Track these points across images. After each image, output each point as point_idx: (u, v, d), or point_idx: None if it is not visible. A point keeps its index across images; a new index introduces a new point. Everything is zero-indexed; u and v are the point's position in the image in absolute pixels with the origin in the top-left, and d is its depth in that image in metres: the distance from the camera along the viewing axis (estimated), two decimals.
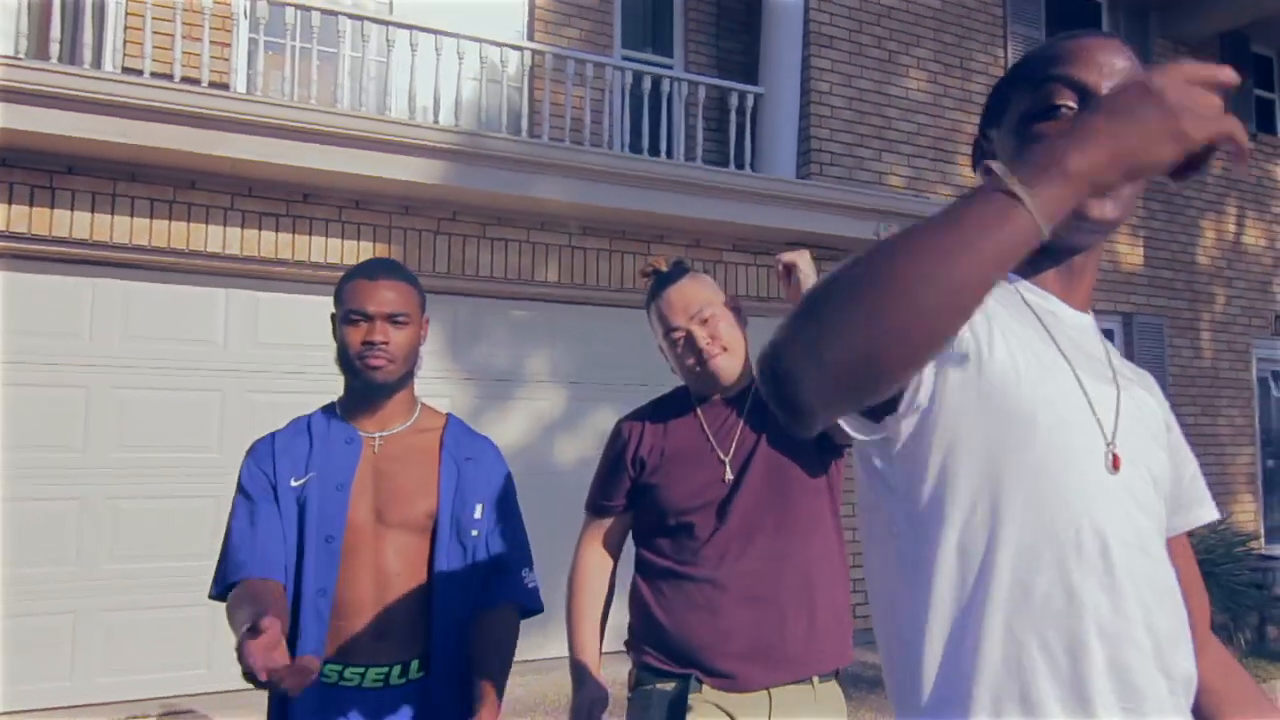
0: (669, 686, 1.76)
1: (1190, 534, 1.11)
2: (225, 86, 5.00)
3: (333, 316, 1.73)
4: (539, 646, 5.68)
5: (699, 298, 1.83)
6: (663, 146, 5.92)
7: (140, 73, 4.60)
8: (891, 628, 0.95)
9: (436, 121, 5.30)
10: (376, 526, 1.65)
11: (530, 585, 1.75)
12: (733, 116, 6.16)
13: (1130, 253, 7.83)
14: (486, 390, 5.52)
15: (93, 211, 4.46)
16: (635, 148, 6.11)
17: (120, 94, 4.16)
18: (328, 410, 1.76)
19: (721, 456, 1.83)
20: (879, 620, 0.99)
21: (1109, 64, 0.94)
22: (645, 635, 1.82)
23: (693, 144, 6.24)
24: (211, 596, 1.62)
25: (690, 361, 1.83)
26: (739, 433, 1.84)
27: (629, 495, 1.90)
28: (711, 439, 1.85)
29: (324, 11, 5.08)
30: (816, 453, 1.82)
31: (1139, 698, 0.87)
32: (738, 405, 1.88)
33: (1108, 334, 7.86)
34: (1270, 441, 8.90)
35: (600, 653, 1.90)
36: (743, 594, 1.75)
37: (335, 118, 4.66)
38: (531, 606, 1.74)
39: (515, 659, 1.69)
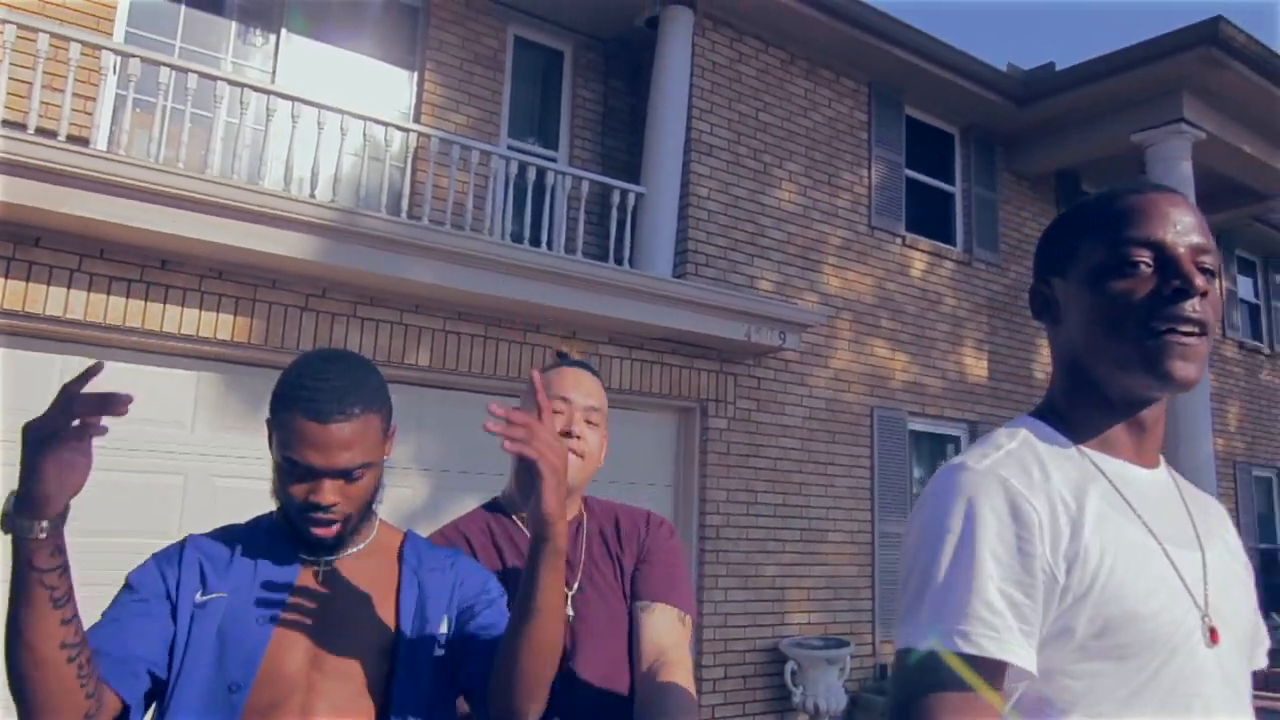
0: None
1: None
2: (85, 141, 4.73)
3: (269, 423, 1.34)
4: None
5: (596, 394, 1.75)
6: (543, 237, 5.97)
7: None
8: None
9: (313, 195, 5.16)
10: (310, 677, 1.28)
11: None
12: (614, 213, 6.28)
13: (975, 365, 8.37)
14: None
15: None
16: (516, 237, 6.13)
17: None
18: (264, 520, 1.42)
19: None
20: None
21: (1181, 220, 0.98)
22: None
23: (573, 237, 6.32)
24: None
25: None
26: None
27: None
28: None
29: (203, 75, 4.92)
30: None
31: None
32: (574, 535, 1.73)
33: (954, 439, 8.32)
34: None
35: None
36: None
37: (202, 183, 4.46)
38: None
39: None
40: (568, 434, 1.67)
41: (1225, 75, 7.54)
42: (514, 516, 1.73)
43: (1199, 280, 0.95)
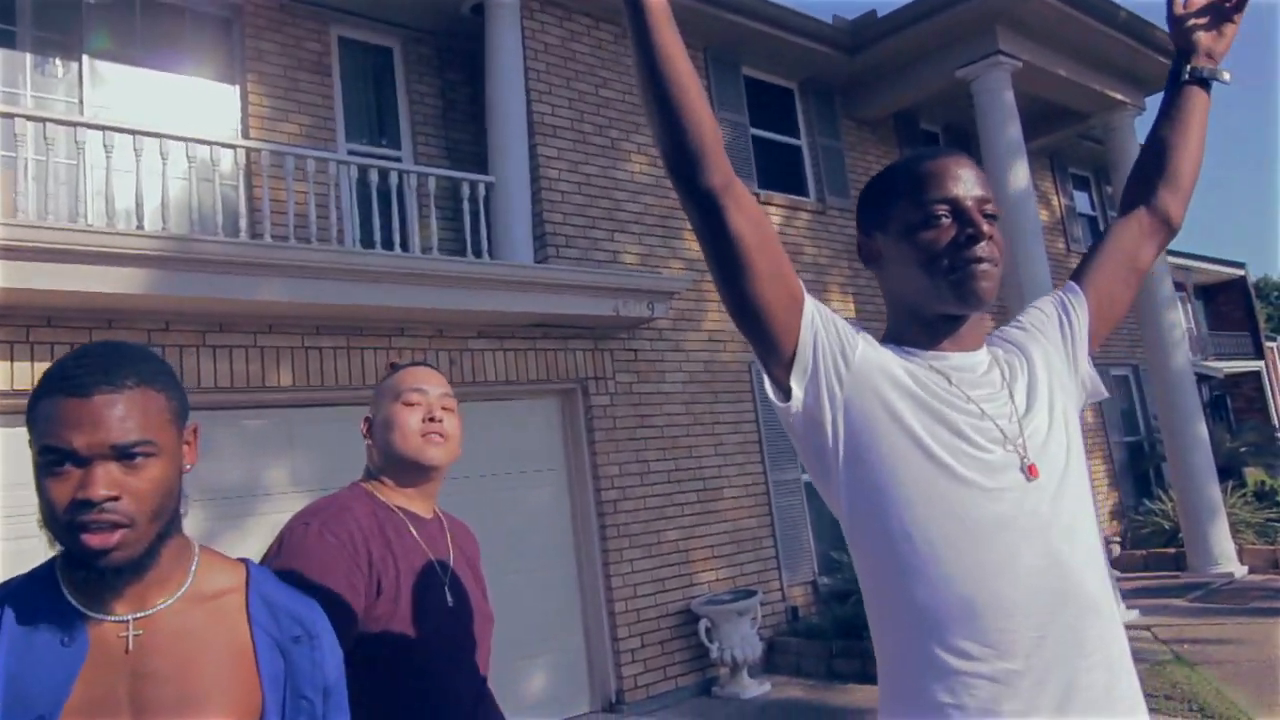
0: None
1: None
2: None
3: (31, 444, 1.09)
4: None
5: (446, 385, 1.84)
6: (396, 239, 5.87)
7: None
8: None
9: (140, 227, 4.93)
10: None
11: None
12: (466, 205, 6.22)
13: (842, 308, 8.67)
14: (221, 510, 5.10)
15: None
16: (367, 242, 6.01)
17: None
18: (40, 579, 1.10)
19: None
20: None
21: (967, 178, 1.27)
22: None
23: (427, 235, 6.23)
24: None
25: (416, 424, 1.73)
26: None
27: None
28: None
29: (1, 115, 4.62)
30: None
31: None
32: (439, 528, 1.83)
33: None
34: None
35: None
36: None
37: (16, 229, 4.21)
38: None
39: None
40: (431, 419, 1.76)
41: (1033, 5, 7.97)
42: (389, 500, 1.75)
43: (985, 226, 1.25)
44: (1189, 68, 1.50)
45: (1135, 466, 11.99)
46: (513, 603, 6.01)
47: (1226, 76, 1.52)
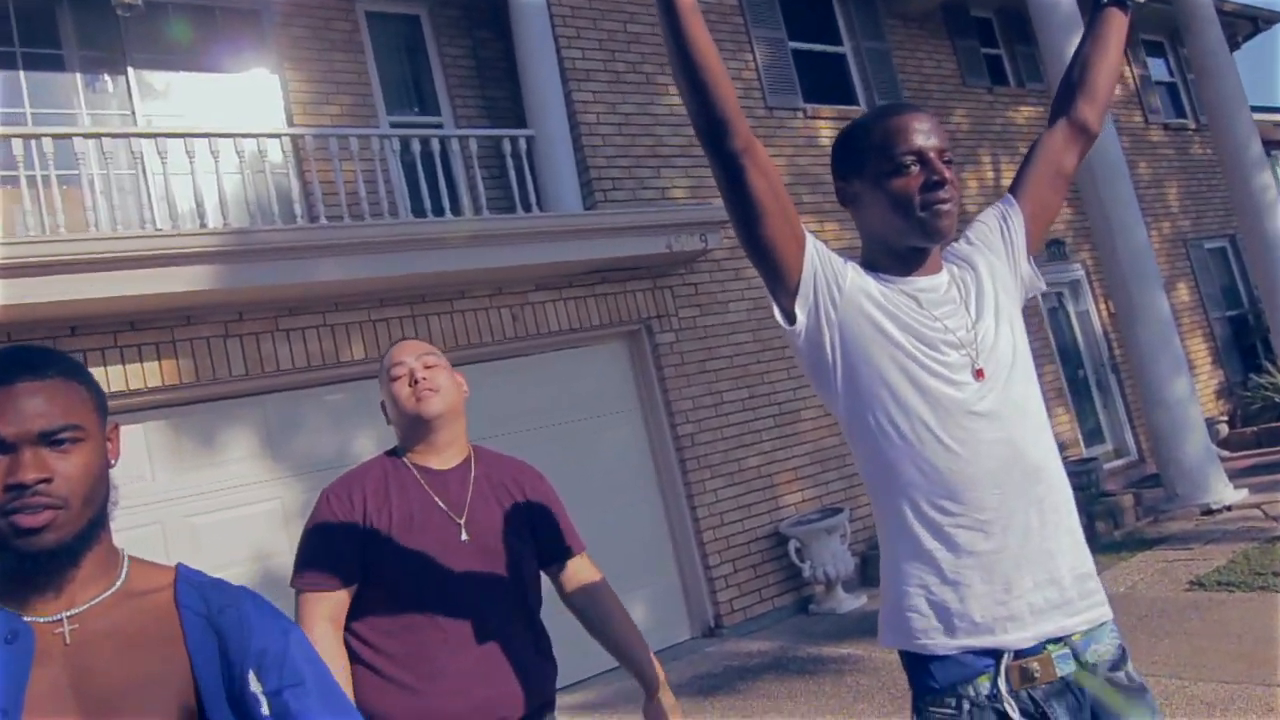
0: None
1: None
2: None
3: None
4: None
5: (424, 347, 2.03)
6: (446, 204, 5.97)
7: None
8: None
9: (204, 225, 5.16)
10: None
11: None
12: (509, 162, 6.28)
13: None
14: (315, 482, 5.35)
15: None
16: (418, 211, 6.14)
17: None
18: None
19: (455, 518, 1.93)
20: None
21: (929, 131, 1.50)
22: None
23: (476, 195, 6.32)
24: None
25: (405, 392, 1.94)
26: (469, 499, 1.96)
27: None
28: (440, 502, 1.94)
29: (55, 136, 4.87)
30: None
31: None
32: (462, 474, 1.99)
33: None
34: (1068, 357, 9.76)
35: None
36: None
37: (88, 244, 4.47)
38: None
39: None
40: (415, 382, 1.95)
41: None
42: (405, 458, 1.97)
43: (946, 172, 1.48)
44: None
45: (1240, 341, 11.41)
46: (605, 541, 6.17)
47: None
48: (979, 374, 1.48)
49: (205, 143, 5.27)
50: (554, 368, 6.33)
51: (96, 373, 4.59)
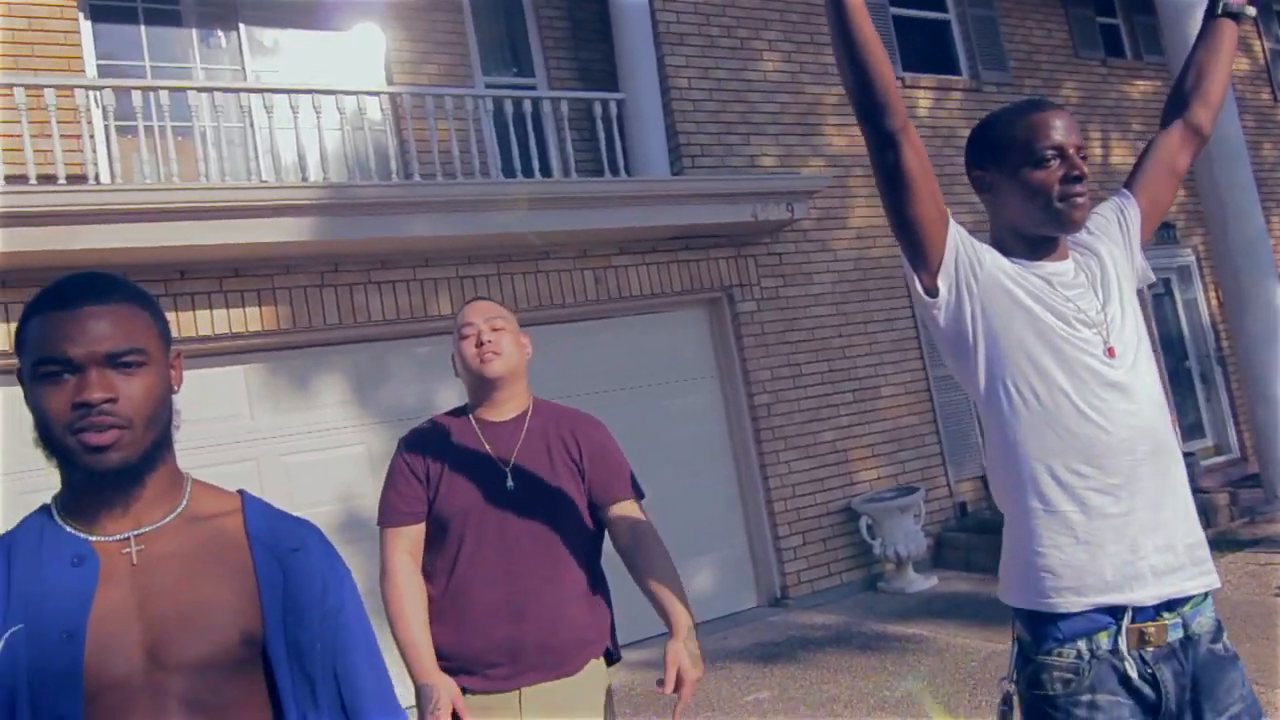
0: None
1: None
2: (83, 178, 5.01)
3: (19, 375, 1.16)
4: None
5: (495, 310, 2.18)
6: (535, 165, 6.06)
7: None
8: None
9: (305, 178, 5.37)
10: (151, 674, 1.09)
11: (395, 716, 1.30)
12: (599, 125, 6.32)
13: None
14: (399, 430, 5.55)
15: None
16: (509, 171, 6.24)
17: None
18: (38, 519, 1.16)
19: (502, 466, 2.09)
20: None
21: (1068, 129, 1.63)
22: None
23: (565, 157, 6.39)
24: None
25: (472, 351, 2.10)
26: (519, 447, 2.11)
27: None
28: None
29: (171, 89, 5.12)
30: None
31: None
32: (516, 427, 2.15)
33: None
34: (1172, 347, 9.34)
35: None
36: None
37: (199, 193, 4.71)
38: None
39: None
40: (480, 344, 2.11)
41: None
42: (470, 415, 2.18)
43: (1084, 168, 1.62)
44: (1222, 3, 1.86)
45: None
46: (678, 505, 6.26)
47: (1251, 11, 1.88)
48: (1110, 352, 1.59)
49: (309, 99, 5.47)
50: (634, 331, 6.39)
51: (201, 316, 4.87)
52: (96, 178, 4.97)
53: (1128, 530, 1.53)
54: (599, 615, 2.10)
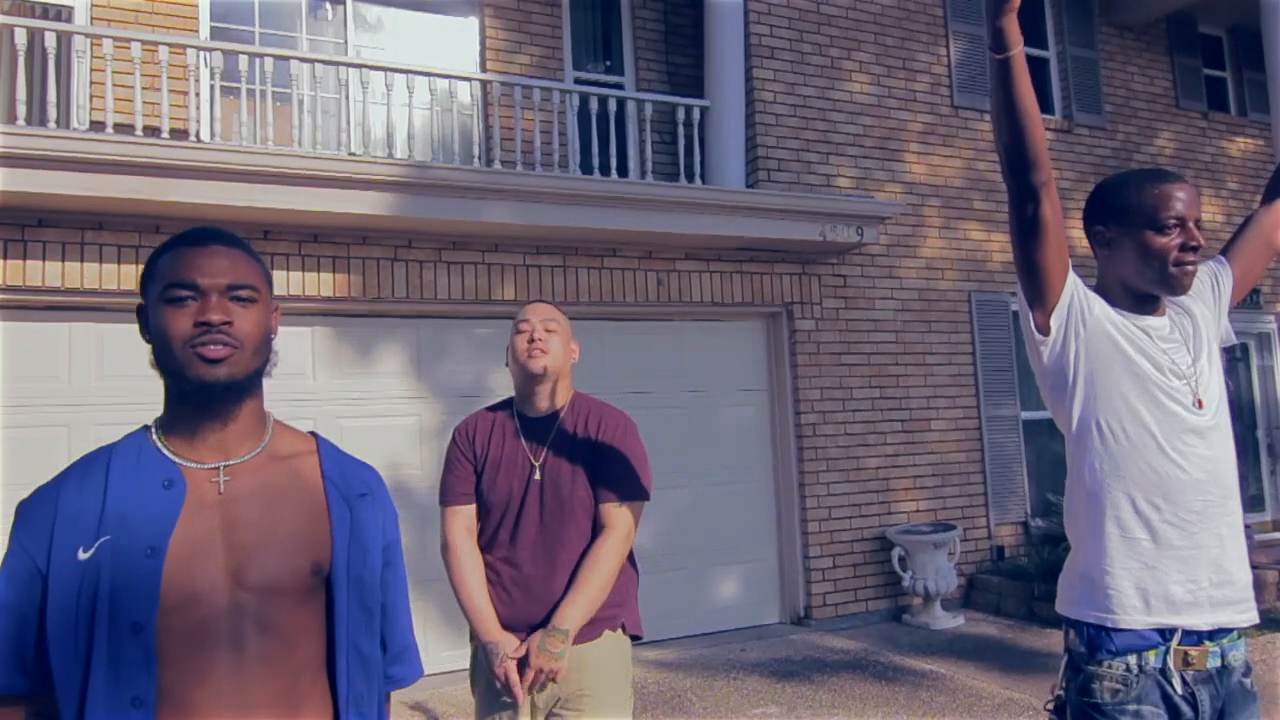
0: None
1: None
2: (185, 133, 5.28)
3: (140, 312, 1.31)
4: None
5: (552, 312, 2.42)
6: (613, 164, 6.17)
7: (104, 126, 4.90)
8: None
9: (391, 154, 5.57)
10: (233, 593, 1.22)
11: (418, 656, 1.47)
12: (680, 130, 6.40)
13: (1082, 237, 7.99)
14: (452, 406, 5.78)
15: (63, 260, 4.75)
16: (586, 167, 6.36)
17: (83, 150, 4.44)
18: (137, 439, 1.29)
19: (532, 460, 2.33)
20: None
21: (1191, 201, 1.78)
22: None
23: (643, 159, 6.49)
24: None
25: (523, 346, 2.32)
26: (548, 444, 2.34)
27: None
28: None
29: (276, 57, 5.36)
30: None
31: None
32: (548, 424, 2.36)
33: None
34: (1242, 413, 9.07)
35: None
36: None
37: (290, 159, 4.92)
38: (419, 677, 1.48)
39: None
40: (533, 340, 2.32)
41: None
42: (512, 410, 2.40)
43: (1200, 239, 1.77)
44: None
45: None
46: (713, 512, 6.36)
47: None
48: (1199, 403, 1.77)
49: (404, 78, 5.66)
50: (691, 337, 6.47)
51: (279, 276, 5.09)
52: (198, 134, 5.22)
53: (1193, 562, 1.71)
54: (618, 589, 2.29)
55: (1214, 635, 1.72)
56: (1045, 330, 1.80)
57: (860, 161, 7.04)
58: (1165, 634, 1.71)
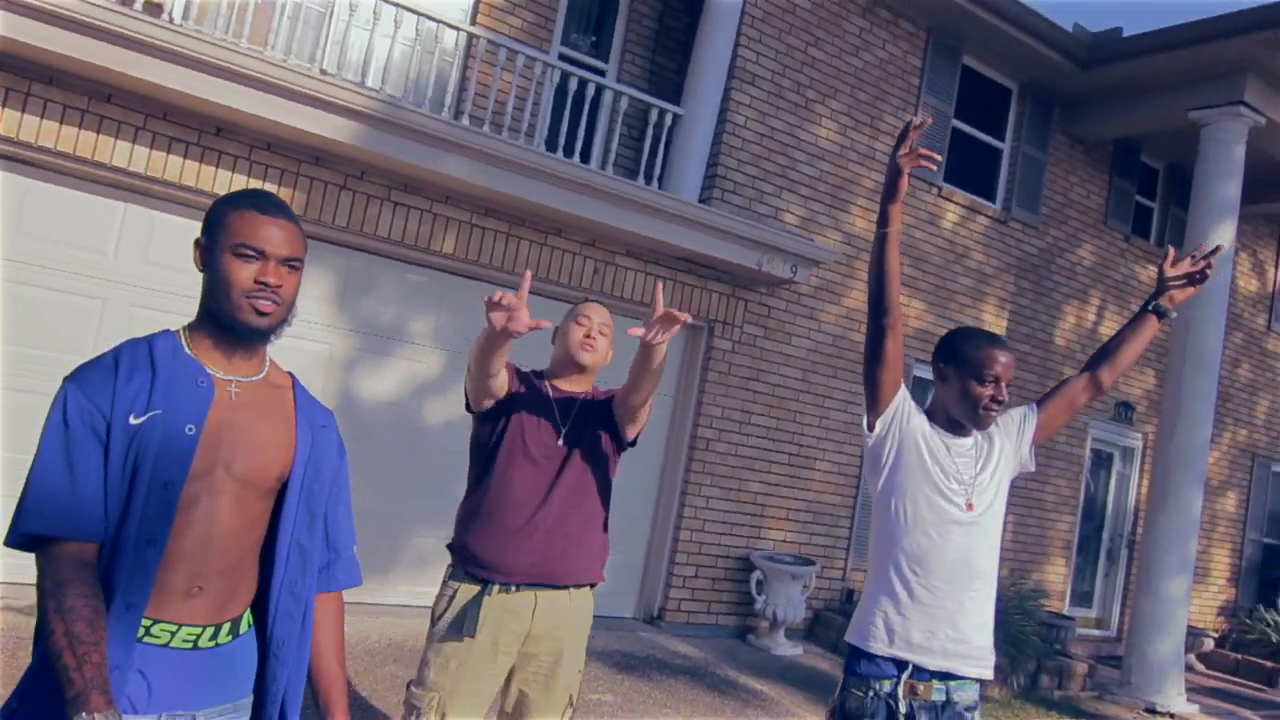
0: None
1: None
2: (159, 9, 5.14)
3: (199, 243, 1.59)
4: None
5: (607, 316, 2.77)
6: (578, 147, 6.26)
7: None
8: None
9: (363, 82, 5.53)
10: (221, 477, 1.53)
11: (358, 564, 1.78)
12: (650, 131, 6.54)
13: (994, 323, 8.52)
14: (367, 344, 5.80)
15: (3, 108, 4.59)
16: (552, 144, 6.44)
17: (47, 3, 4.30)
18: (170, 340, 1.58)
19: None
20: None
21: (1008, 364, 2.31)
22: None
23: (607, 149, 6.60)
24: (8, 543, 1.45)
25: (579, 337, 2.65)
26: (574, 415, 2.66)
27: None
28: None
29: None
30: (614, 444, 2.69)
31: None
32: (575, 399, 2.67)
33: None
34: (1091, 515, 9.77)
35: None
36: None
37: (259, 63, 4.85)
38: (357, 583, 1.77)
39: (356, 601, 1.97)
40: (588, 336, 2.67)
41: None
42: (546, 380, 2.70)
43: (1005, 395, 2.31)
44: (1156, 303, 2.49)
45: (1266, 571, 11.24)
46: None
47: (1174, 315, 2.53)
48: (969, 505, 2.30)
49: (393, 10, 5.63)
50: (616, 331, 6.62)
51: (224, 176, 5.03)
52: (171, 15, 5.09)
53: (935, 617, 2.23)
54: (605, 546, 2.68)
55: (943, 677, 2.22)
56: (871, 428, 2.33)
57: (809, 203, 7.31)
58: (900, 666, 2.22)
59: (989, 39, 8.03)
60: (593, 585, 2.67)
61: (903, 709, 2.19)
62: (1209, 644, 9.80)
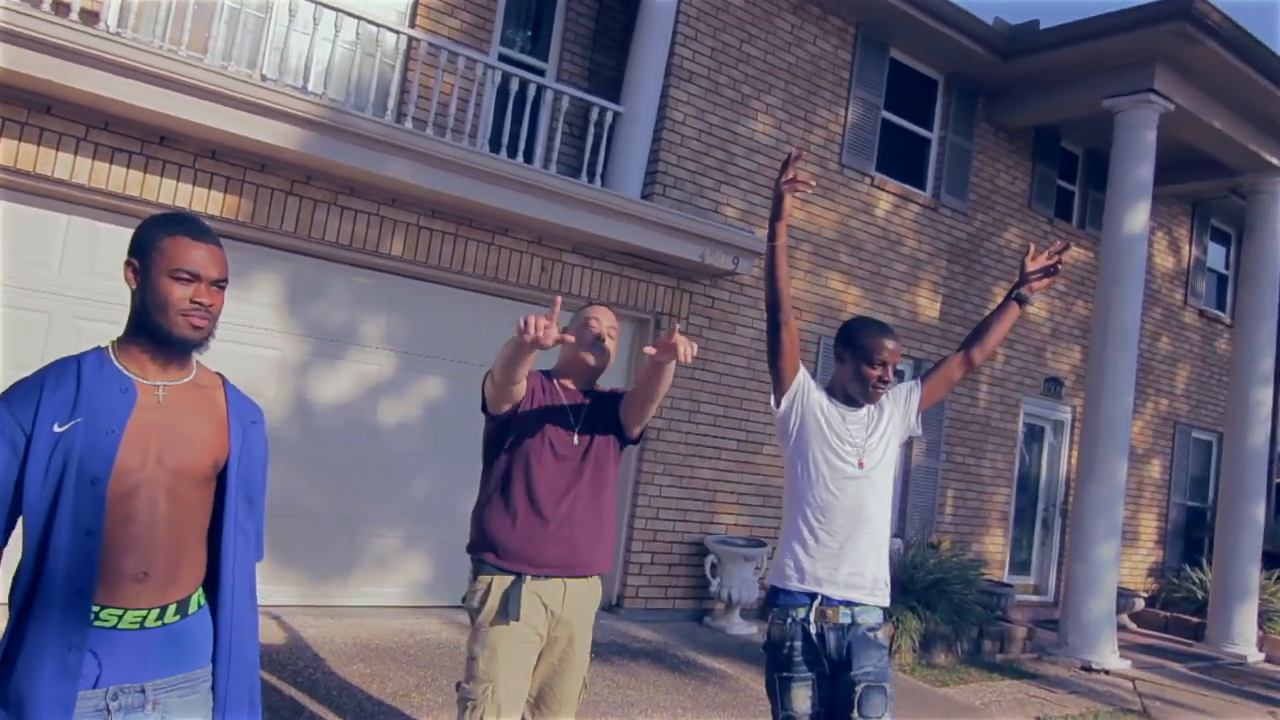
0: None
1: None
2: (96, 16, 5.11)
3: (131, 264, 1.75)
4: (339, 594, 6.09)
5: (614, 319, 2.92)
6: (521, 147, 6.37)
7: None
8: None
9: (305, 87, 5.56)
10: (154, 470, 1.70)
11: (263, 542, 1.99)
12: (591, 129, 6.67)
13: (928, 306, 8.85)
14: (318, 348, 5.84)
15: None
16: (495, 144, 6.53)
17: None
18: (98, 356, 1.74)
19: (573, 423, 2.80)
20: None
21: (895, 348, 2.75)
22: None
23: (550, 149, 6.71)
24: None
25: (589, 339, 2.80)
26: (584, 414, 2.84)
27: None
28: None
29: None
30: (618, 442, 2.86)
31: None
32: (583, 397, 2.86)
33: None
34: (1026, 487, 10.21)
35: None
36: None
37: (199, 71, 4.86)
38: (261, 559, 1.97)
39: (319, 604, 2.13)
40: (597, 337, 2.82)
41: (1198, 50, 7.78)
42: (555, 380, 2.86)
43: (890, 376, 2.76)
44: (1018, 292, 2.91)
45: (1190, 532, 11.85)
46: None
47: (1033, 302, 2.93)
48: (860, 464, 2.75)
49: (333, 15, 5.66)
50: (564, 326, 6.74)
51: (169, 185, 5.04)
52: (108, 23, 5.06)
53: (836, 556, 2.68)
54: (613, 536, 2.90)
55: (848, 605, 2.65)
56: (779, 404, 2.79)
57: (749, 196, 7.53)
58: (811, 597, 2.64)
59: (915, 32, 8.32)
60: (601, 574, 2.87)
61: (814, 630, 2.63)
62: (1140, 604, 10.32)
